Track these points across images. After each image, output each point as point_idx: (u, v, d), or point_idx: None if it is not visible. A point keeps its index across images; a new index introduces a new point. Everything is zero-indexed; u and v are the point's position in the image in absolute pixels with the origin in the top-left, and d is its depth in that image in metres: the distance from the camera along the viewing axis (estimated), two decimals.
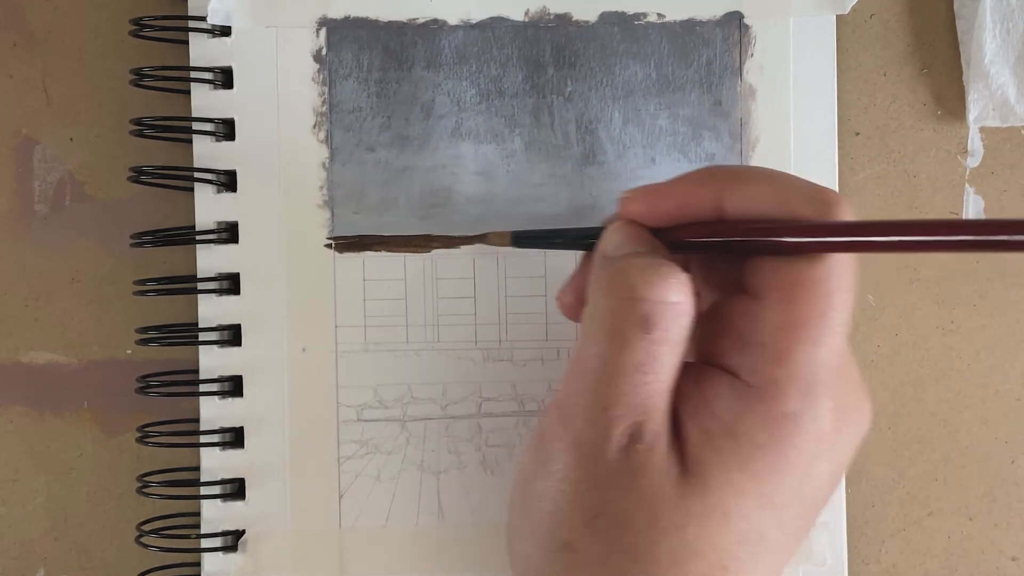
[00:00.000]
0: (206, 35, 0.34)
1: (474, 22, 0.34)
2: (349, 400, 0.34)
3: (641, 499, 0.25)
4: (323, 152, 0.34)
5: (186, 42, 0.34)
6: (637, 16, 0.34)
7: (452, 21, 0.34)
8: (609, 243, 0.28)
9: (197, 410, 0.34)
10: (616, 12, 0.34)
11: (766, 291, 0.25)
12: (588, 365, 0.25)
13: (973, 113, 0.35)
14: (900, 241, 0.24)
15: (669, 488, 0.25)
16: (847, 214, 0.25)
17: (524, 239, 0.32)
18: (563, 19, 0.34)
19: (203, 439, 0.34)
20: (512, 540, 0.28)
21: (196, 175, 0.34)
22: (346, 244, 0.34)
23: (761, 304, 0.25)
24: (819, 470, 0.26)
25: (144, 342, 0.34)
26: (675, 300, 0.25)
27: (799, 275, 0.25)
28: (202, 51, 0.34)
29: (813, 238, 0.25)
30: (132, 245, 0.34)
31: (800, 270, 0.25)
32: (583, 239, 0.29)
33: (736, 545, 0.25)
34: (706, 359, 0.27)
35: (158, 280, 0.34)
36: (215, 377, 0.34)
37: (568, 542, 0.25)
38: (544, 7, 0.34)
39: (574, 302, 0.29)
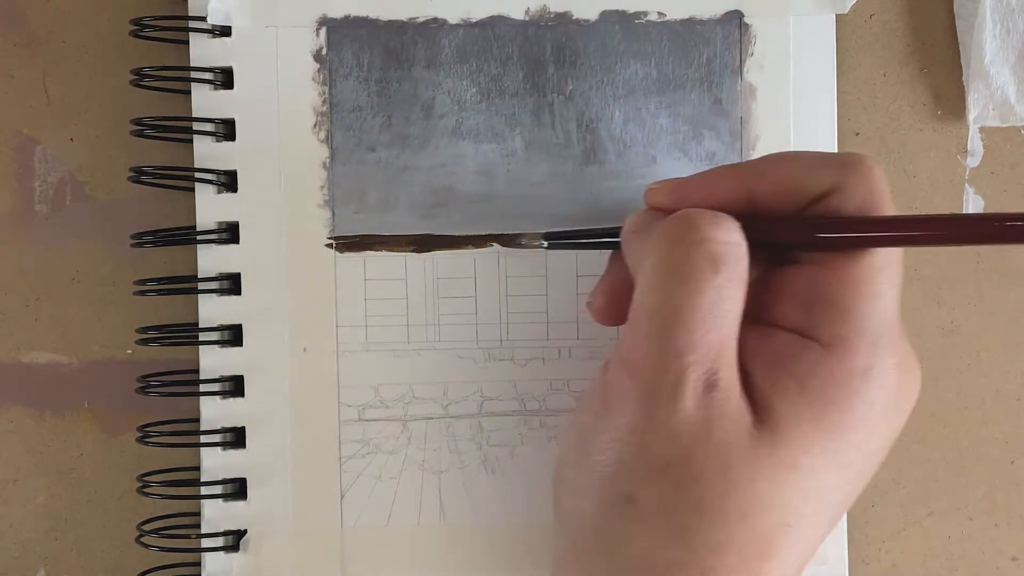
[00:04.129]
0: (206, 35, 0.34)
1: (474, 21, 0.35)
2: (350, 400, 0.34)
3: (714, 449, 0.24)
4: (324, 152, 0.34)
5: (186, 42, 0.34)
6: (638, 15, 0.34)
7: (452, 20, 0.34)
8: (635, 221, 0.28)
9: (198, 410, 0.34)
10: (616, 11, 0.34)
11: (819, 256, 0.26)
12: (657, 313, 0.25)
13: (973, 113, 0.35)
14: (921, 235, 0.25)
15: (743, 439, 0.25)
16: (871, 172, 0.26)
17: (555, 239, 0.32)
18: (563, 18, 0.34)
19: (204, 439, 0.34)
20: (563, 497, 0.27)
21: (196, 175, 0.34)
22: (347, 244, 0.34)
23: (819, 268, 0.26)
24: (882, 429, 0.26)
25: (144, 342, 0.34)
26: (737, 241, 0.25)
27: None
28: (202, 51, 0.34)
29: (848, 233, 0.25)
30: (132, 245, 0.34)
31: None
32: (612, 237, 0.29)
33: (802, 502, 0.25)
34: (768, 322, 0.27)
35: (158, 280, 0.34)
36: (216, 377, 0.34)
37: (630, 495, 0.25)
38: (544, 6, 0.34)
39: (606, 305, 0.29)
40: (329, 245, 0.34)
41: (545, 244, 0.32)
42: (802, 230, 0.26)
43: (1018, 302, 0.36)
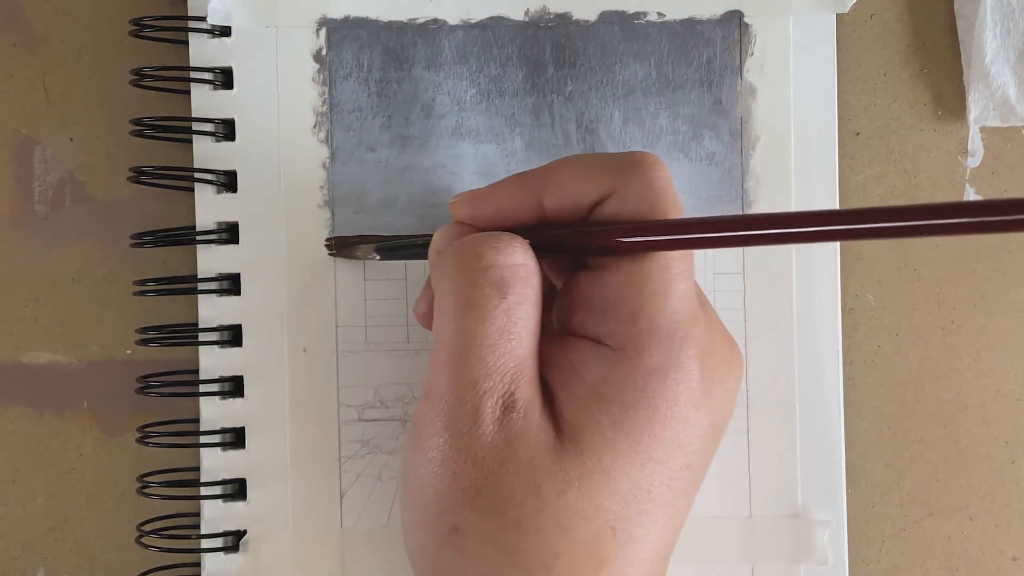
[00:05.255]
0: (206, 35, 0.34)
1: (474, 22, 0.34)
2: (350, 400, 0.34)
3: (520, 469, 0.25)
4: (323, 152, 0.34)
5: (186, 42, 0.34)
6: (637, 15, 0.34)
7: (452, 21, 0.34)
8: (438, 239, 0.28)
9: (197, 410, 0.34)
10: (616, 11, 0.34)
11: (607, 261, 0.26)
12: (450, 344, 0.26)
13: (973, 113, 0.35)
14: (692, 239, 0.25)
15: (546, 454, 0.25)
16: (648, 173, 0.26)
17: (386, 251, 0.32)
18: (563, 18, 0.34)
19: (204, 439, 0.34)
20: (406, 536, 0.28)
21: (196, 175, 0.34)
22: (339, 247, 0.34)
23: (606, 272, 0.26)
24: (695, 419, 0.26)
25: (144, 342, 0.34)
26: (522, 262, 0.26)
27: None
28: (202, 51, 0.34)
29: (631, 238, 0.25)
30: (132, 245, 0.34)
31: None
32: (426, 247, 0.29)
33: (621, 505, 0.25)
34: (569, 332, 0.27)
35: (158, 280, 0.34)
36: (216, 377, 0.34)
37: (455, 525, 0.25)
38: (544, 6, 0.34)
39: (427, 311, 0.29)
40: (328, 245, 0.34)
41: (377, 256, 0.33)
42: (580, 237, 0.26)
43: (1018, 302, 0.36)
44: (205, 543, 0.34)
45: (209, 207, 0.34)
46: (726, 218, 0.25)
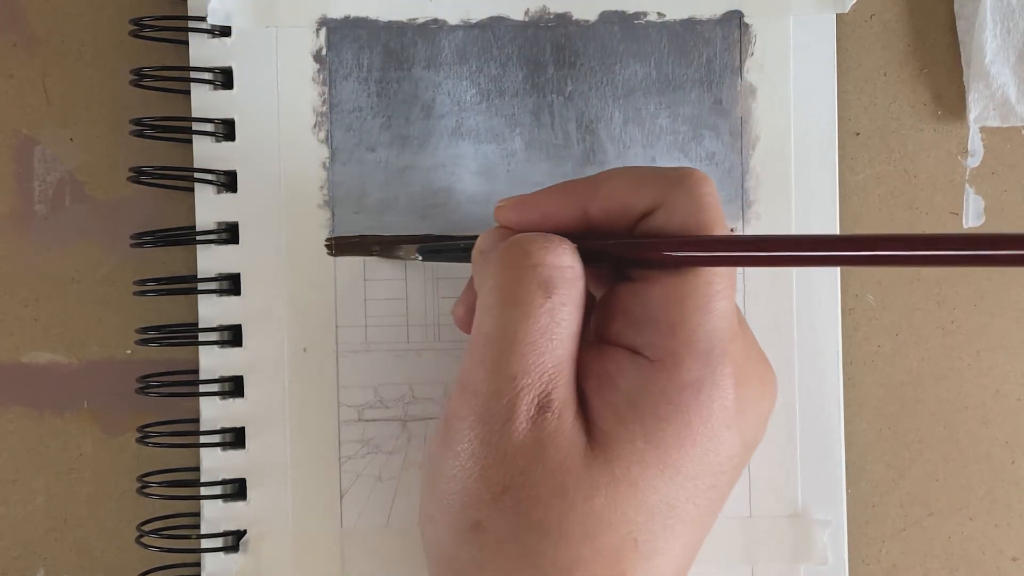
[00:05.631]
0: (206, 35, 0.34)
1: (474, 22, 0.34)
2: (350, 400, 0.34)
3: (549, 470, 0.25)
4: (323, 152, 0.34)
5: (186, 42, 0.34)
6: (637, 15, 0.34)
7: (452, 21, 0.34)
8: (483, 241, 0.28)
9: (197, 410, 0.34)
10: (616, 11, 0.34)
11: (650, 273, 0.26)
12: (492, 338, 0.26)
13: (973, 113, 0.35)
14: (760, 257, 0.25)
15: (576, 458, 0.25)
16: (696, 187, 0.26)
17: (428, 252, 0.33)
18: (563, 18, 0.34)
19: (204, 439, 0.34)
20: (424, 528, 0.28)
21: (196, 175, 0.34)
22: (339, 247, 0.34)
23: (647, 284, 0.26)
24: (727, 439, 0.26)
25: (144, 342, 0.34)
26: (570, 264, 0.26)
27: None
28: (202, 51, 0.34)
29: (677, 252, 0.26)
30: (132, 245, 0.34)
31: None
32: (469, 249, 0.30)
33: (646, 517, 0.25)
34: (607, 341, 0.27)
35: (158, 280, 0.34)
36: (216, 377, 0.34)
37: (477, 521, 0.25)
38: (544, 6, 0.34)
39: (466, 314, 0.29)
40: (328, 245, 0.34)
41: (420, 257, 0.33)
42: (626, 248, 0.26)
43: (1018, 302, 0.36)
44: (205, 543, 0.34)
45: (209, 207, 0.34)
46: (774, 237, 0.25)
